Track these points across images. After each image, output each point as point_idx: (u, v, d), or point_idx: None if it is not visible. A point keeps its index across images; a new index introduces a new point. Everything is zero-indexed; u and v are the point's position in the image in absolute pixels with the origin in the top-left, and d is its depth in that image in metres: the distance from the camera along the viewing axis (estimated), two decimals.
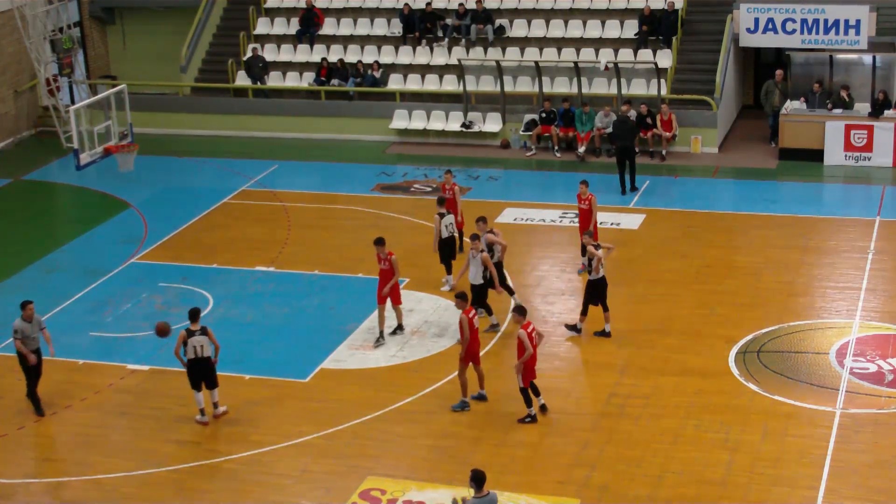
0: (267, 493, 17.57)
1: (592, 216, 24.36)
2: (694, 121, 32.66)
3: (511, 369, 19.43)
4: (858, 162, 30.95)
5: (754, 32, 33.19)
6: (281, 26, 37.83)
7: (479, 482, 14.82)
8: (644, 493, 17.13)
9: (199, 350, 19.12)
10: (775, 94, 32.42)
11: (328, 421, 19.39)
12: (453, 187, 25.38)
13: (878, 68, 32.39)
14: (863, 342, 21.38)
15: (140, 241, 27.71)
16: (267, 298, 24.02)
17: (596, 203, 24.56)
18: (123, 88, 30.30)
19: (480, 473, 14.87)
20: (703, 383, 20.14)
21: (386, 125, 34.87)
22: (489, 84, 34.63)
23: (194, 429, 19.39)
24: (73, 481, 18.11)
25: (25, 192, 32.27)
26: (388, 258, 21.80)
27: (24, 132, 37.20)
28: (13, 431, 19.67)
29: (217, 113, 36.33)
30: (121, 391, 20.86)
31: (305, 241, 27.30)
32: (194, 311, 19.39)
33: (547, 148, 33.26)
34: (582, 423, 19.04)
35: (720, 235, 26.95)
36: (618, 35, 34.88)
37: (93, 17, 40.17)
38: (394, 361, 21.28)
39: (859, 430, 18.54)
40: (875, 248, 25.47)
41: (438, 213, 23.98)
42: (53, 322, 23.60)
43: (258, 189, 31.09)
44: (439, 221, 23.86)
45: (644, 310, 23.07)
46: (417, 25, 36.15)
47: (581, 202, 24.64)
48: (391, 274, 21.80)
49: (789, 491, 17.06)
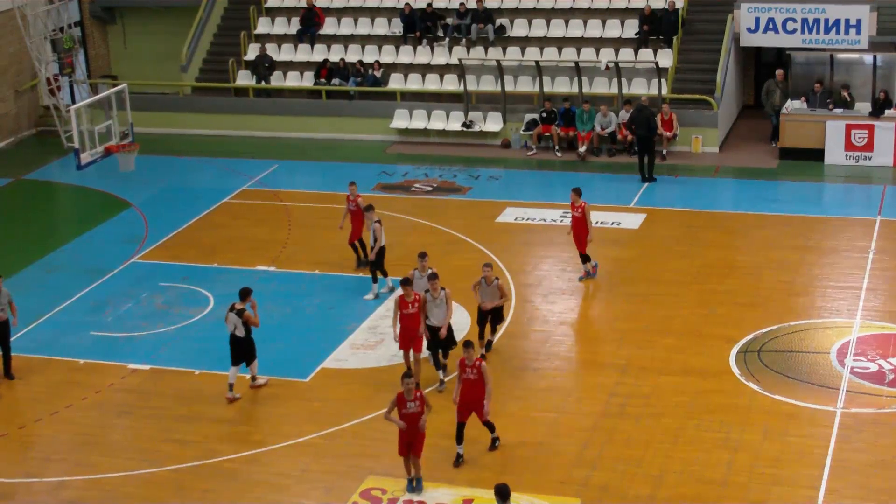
0: (267, 493, 17.57)
1: (587, 224, 23.84)
2: (694, 120, 32.65)
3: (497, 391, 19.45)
4: (859, 161, 30.94)
5: (755, 32, 33.19)
6: (282, 26, 37.83)
7: (503, 496, 14.98)
8: (644, 493, 17.12)
9: (233, 328, 20.06)
10: (776, 94, 32.41)
11: (328, 421, 19.39)
12: (357, 199, 24.78)
13: (878, 68, 32.37)
14: (863, 342, 21.37)
15: (141, 240, 27.72)
16: (267, 298, 24.01)
17: (589, 211, 24.05)
18: (124, 88, 30.34)
19: (504, 488, 15.05)
20: (704, 383, 20.13)
21: (386, 125, 34.88)
22: (490, 84, 34.63)
23: (194, 429, 19.40)
24: (73, 481, 18.11)
25: (26, 192, 32.27)
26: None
27: (24, 132, 37.22)
28: (13, 431, 19.67)
29: (218, 112, 36.33)
30: (121, 391, 20.86)
31: (306, 240, 27.30)
32: (243, 290, 20.27)
33: (548, 147, 33.25)
34: (582, 423, 19.04)
35: (720, 235, 26.94)
36: (618, 35, 34.88)
37: (93, 17, 40.18)
38: (394, 361, 21.26)
39: (860, 429, 18.53)
40: (876, 248, 25.47)
41: (377, 221, 23.65)
42: (54, 322, 23.64)
43: (259, 189, 31.09)
44: (380, 229, 23.63)
45: (644, 310, 23.07)
46: (418, 25, 36.15)
47: (574, 210, 24.05)
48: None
49: (790, 491, 17.06)
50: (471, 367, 17.70)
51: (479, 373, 17.69)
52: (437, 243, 26.74)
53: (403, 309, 19.84)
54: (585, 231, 23.95)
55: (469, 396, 17.81)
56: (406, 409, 17.03)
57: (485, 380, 17.72)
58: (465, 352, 17.79)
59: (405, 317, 19.88)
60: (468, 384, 17.78)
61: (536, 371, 20.96)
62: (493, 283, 20.87)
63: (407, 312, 19.85)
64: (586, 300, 23.71)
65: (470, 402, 17.85)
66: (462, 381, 17.83)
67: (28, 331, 23.16)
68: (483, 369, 17.70)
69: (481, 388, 17.75)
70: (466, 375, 17.75)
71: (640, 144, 30.54)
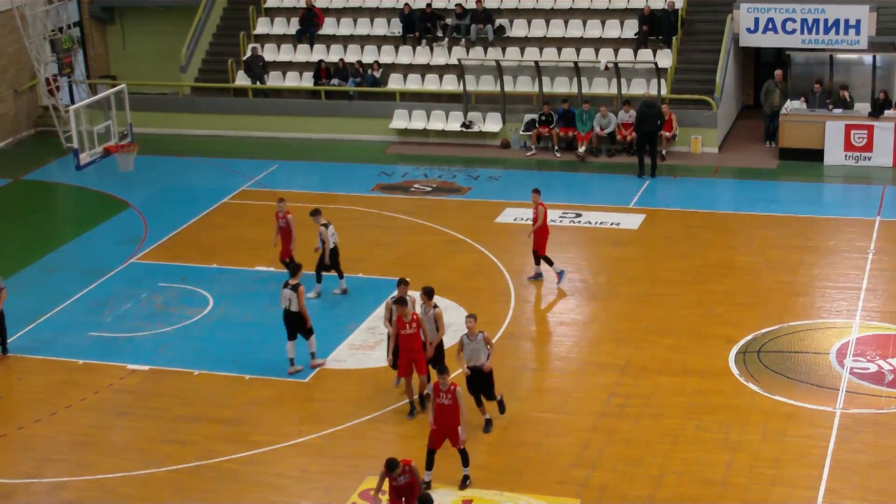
0: (267, 493, 17.56)
1: (539, 223, 23.76)
2: (694, 121, 32.65)
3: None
4: (858, 162, 30.94)
5: (754, 32, 33.18)
6: (281, 26, 37.82)
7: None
8: (644, 493, 17.12)
9: (288, 303, 20.72)
10: (775, 94, 32.41)
11: (328, 421, 19.39)
12: (287, 215, 24.24)
13: (878, 68, 32.38)
14: (863, 342, 21.36)
15: (140, 240, 27.71)
16: (267, 298, 24.00)
17: (546, 214, 23.90)
18: (123, 88, 30.35)
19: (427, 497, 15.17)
20: (703, 383, 20.13)
21: (386, 125, 34.87)
22: (489, 84, 34.63)
23: (193, 429, 19.39)
24: (72, 482, 18.10)
25: (25, 192, 32.25)
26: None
27: (23, 132, 37.20)
28: (13, 431, 19.66)
29: (217, 113, 36.32)
30: (121, 391, 20.85)
31: (305, 241, 27.26)
32: (294, 265, 21.19)
33: (547, 148, 33.25)
34: (582, 423, 19.04)
35: (720, 235, 26.94)
36: (618, 35, 34.87)
37: (93, 17, 40.17)
38: None
39: (859, 430, 18.53)
40: (875, 248, 25.46)
41: (323, 224, 23.50)
42: (53, 322, 23.63)
43: (258, 189, 31.08)
44: (326, 231, 23.50)
45: (644, 310, 23.06)
46: (417, 25, 36.14)
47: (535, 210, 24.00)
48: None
49: (789, 491, 17.06)
50: (445, 391, 17.02)
51: (453, 398, 17.01)
52: (437, 243, 26.76)
53: (402, 329, 19.11)
54: (545, 231, 24.00)
55: (443, 422, 17.14)
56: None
57: (459, 405, 17.05)
58: (440, 376, 17.07)
59: (404, 337, 19.11)
60: (442, 409, 17.10)
61: (536, 371, 20.96)
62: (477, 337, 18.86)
63: (405, 333, 19.11)
64: (586, 300, 23.70)
65: (444, 429, 17.16)
66: (436, 405, 17.17)
67: (27, 331, 23.14)
68: (457, 394, 17.01)
69: (456, 414, 17.09)
70: (440, 400, 17.06)
71: (645, 141, 30.56)
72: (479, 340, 18.63)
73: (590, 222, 27.58)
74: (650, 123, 30.52)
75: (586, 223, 27.53)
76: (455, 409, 17.09)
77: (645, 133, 30.56)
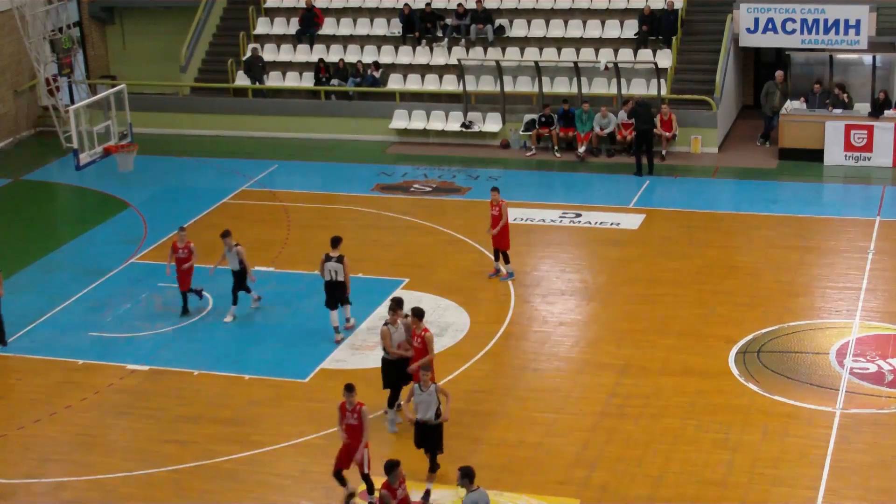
0: (267, 493, 17.56)
1: (503, 221, 23.91)
2: (694, 121, 32.66)
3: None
4: (858, 162, 30.94)
5: (754, 32, 33.19)
6: (281, 26, 37.82)
7: (470, 478, 14.87)
8: (644, 493, 17.12)
9: (334, 274, 21.73)
10: (776, 95, 32.42)
11: (328, 421, 19.35)
12: (188, 245, 23.44)
13: (878, 68, 32.38)
14: (863, 342, 21.36)
15: (140, 241, 27.71)
16: (267, 298, 24.00)
17: (507, 211, 24.10)
18: (123, 88, 30.34)
19: (470, 469, 14.92)
20: (703, 383, 20.13)
21: (386, 125, 34.87)
22: (489, 84, 34.63)
23: (193, 429, 19.39)
24: (72, 482, 18.09)
25: (25, 192, 32.25)
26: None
27: (23, 132, 37.20)
28: (13, 431, 19.66)
29: (217, 113, 36.32)
30: (120, 391, 20.85)
31: (305, 241, 27.29)
32: (335, 238, 21.90)
33: (547, 148, 33.25)
34: (582, 423, 19.04)
35: (720, 235, 26.94)
36: (618, 35, 34.88)
37: (92, 17, 40.17)
38: None
39: (859, 430, 18.53)
40: (875, 248, 25.46)
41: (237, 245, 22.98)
42: (53, 322, 23.62)
43: (258, 189, 31.08)
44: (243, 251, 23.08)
45: (644, 310, 23.06)
46: (417, 25, 36.14)
47: (493, 208, 24.11)
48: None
49: (789, 491, 17.06)
50: (351, 411, 16.63)
51: (359, 418, 16.57)
52: (437, 243, 26.76)
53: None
54: (506, 229, 24.06)
55: (353, 443, 16.73)
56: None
57: (363, 426, 16.61)
58: (347, 395, 16.60)
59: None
60: (349, 430, 16.69)
61: (536, 371, 20.96)
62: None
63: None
64: (586, 300, 23.70)
65: (352, 449, 16.75)
66: (345, 426, 16.74)
67: (27, 331, 23.15)
68: (363, 414, 16.60)
69: (360, 435, 16.67)
70: (347, 420, 16.63)
71: (640, 139, 30.64)
72: (430, 392, 17.23)
73: (590, 222, 27.58)
74: (645, 122, 30.56)
75: (586, 223, 27.53)
76: (361, 429, 16.69)
77: (640, 131, 30.61)
